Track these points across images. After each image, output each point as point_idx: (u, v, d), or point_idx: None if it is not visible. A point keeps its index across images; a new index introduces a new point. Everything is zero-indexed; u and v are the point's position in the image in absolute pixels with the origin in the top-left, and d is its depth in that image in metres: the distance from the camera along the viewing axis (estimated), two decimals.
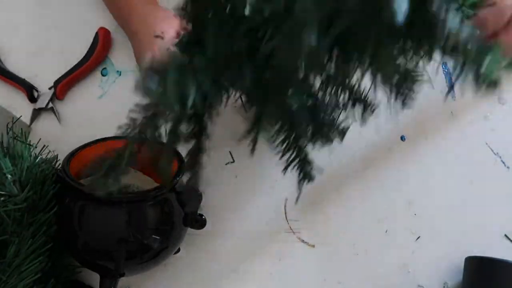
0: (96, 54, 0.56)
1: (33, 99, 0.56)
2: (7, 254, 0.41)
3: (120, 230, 0.43)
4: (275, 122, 0.28)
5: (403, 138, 0.59)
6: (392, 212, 0.56)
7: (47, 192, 0.44)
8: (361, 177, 0.57)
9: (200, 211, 0.49)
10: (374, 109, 0.46)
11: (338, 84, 0.37)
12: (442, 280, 0.55)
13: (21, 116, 0.54)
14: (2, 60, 0.57)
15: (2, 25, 0.59)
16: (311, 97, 0.37)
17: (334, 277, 0.54)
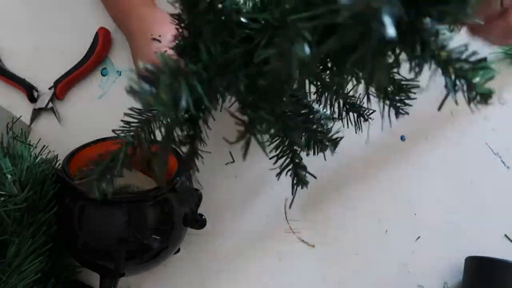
0: (96, 54, 0.56)
1: (33, 99, 0.56)
2: (7, 254, 0.41)
3: (120, 230, 0.43)
4: (268, 127, 0.28)
5: (403, 138, 0.59)
6: (392, 212, 0.56)
7: (47, 192, 0.44)
8: (361, 177, 0.57)
9: (200, 211, 0.49)
10: (368, 117, 0.46)
11: (332, 92, 0.37)
12: (442, 280, 0.55)
13: (21, 116, 0.54)
14: (2, 60, 0.57)
15: (2, 25, 0.59)
16: (306, 105, 0.38)
17: (334, 277, 0.54)
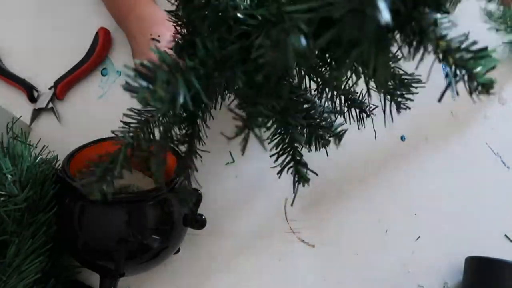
0: (96, 54, 0.56)
1: (33, 99, 0.56)
2: (7, 254, 0.41)
3: (120, 230, 0.43)
4: (266, 122, 0.28)
5: (403, 138, 0.59)
6: (392, 212, 0.56)
7: (47, 192, 0.44)
8: (361, 177, 0.57)
9: (200, 211, 0.49)
10: (370, 113, 0.46)
11: (333, 88, 0.37)
12: (442, 280, 0.55)
13: (21, 116, 0.54)
14: (2, 60, 0.57)
15: (2, 25, 0.59)
16: (307, 100, 0.37)
17: (334, 277, 0.54)
